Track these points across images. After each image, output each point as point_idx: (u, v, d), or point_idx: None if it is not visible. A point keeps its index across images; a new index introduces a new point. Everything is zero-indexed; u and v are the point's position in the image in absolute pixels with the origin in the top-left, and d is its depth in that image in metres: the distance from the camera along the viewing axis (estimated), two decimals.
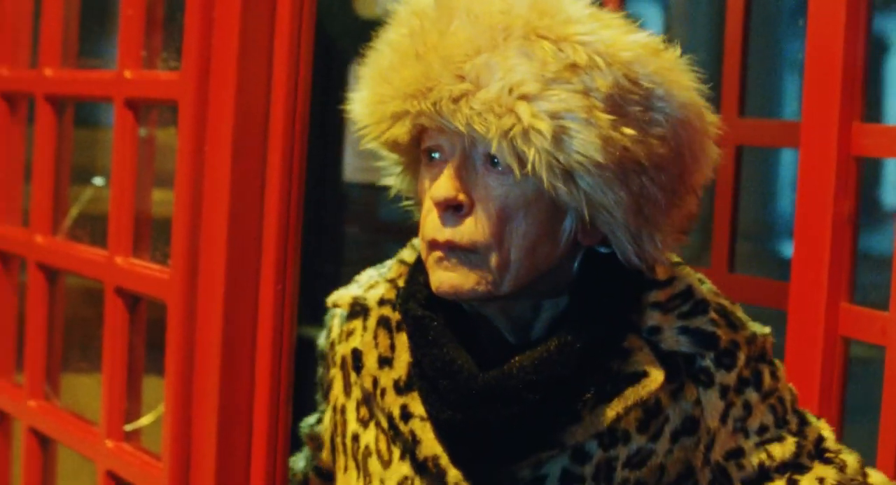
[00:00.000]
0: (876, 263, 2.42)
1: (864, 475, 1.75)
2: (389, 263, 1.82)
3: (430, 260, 1.63)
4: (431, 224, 1.62)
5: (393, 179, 1.75)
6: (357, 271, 1.84)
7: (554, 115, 1.53)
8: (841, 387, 2.09)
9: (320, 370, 1.86)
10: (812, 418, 1.78)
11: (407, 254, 1.79)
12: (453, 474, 1.65)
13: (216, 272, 2.32)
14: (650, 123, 1.58)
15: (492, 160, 1.59)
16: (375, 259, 1.90)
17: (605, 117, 1.54)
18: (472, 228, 1.59)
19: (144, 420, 2.69)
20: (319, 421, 1.87)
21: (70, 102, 2.92)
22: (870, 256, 2.39)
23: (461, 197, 1.59)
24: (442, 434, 1.65)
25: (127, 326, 2.59)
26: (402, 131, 1.61)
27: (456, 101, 1.55)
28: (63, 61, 2.88)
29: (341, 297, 1.81)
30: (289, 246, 2.32)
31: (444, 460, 1.66)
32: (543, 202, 1.59)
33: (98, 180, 3.15)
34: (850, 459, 1.74)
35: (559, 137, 1.54)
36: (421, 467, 1.67)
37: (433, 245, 1.62)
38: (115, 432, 2.59)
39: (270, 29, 2.31)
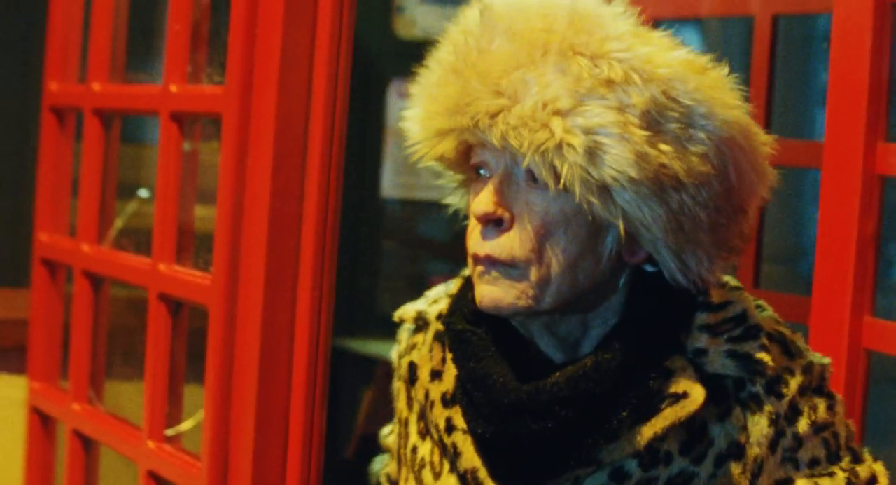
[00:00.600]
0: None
1: None
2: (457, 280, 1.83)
3: (475, 274, 1.65)
4: (474, 239, 1.64)
5: (451, 197, 1.78)
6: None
7: (587, 131, 1.55)
8: (863, 399, 2.15)
9: (395, 383, 1.89)
10: (868, 457, 1.77)
11: (468, 269, 1.79)
12: None
13: (256, 278, 2.40)
14: (690, 140, 1.58)
15: (533, 177, 1.61)
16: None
17: (641, 133, 1.55)
18: (512, 243, 1.61)
19: (185, 425, 2.77)
20: (392, 432, 1.92)
21: (117, 117, 3.01)
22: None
23: (500, 212, 1.60)
24: (481, 448, 1.67)
25: (169, 332, 2.67)
26: (448, 147, 1.65)
27: (493, 116, 1.57)
28: (111, 76, 2.97)
29: (407, 311, 1.86)
30: (326, 254, 2.40)
31: (483, 474, 1.68)
32: (583, 218, 1.61)
33: (143, 192, 3.24)
34: None
35: (592, 152, 1.55)
36: (462, 479, 1.70)
37: (475, 259, 1.64)
38: (157, 434, 2.68)
39: (311, 46, 2.39)
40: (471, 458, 1.69)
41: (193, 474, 2.54)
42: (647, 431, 1.62)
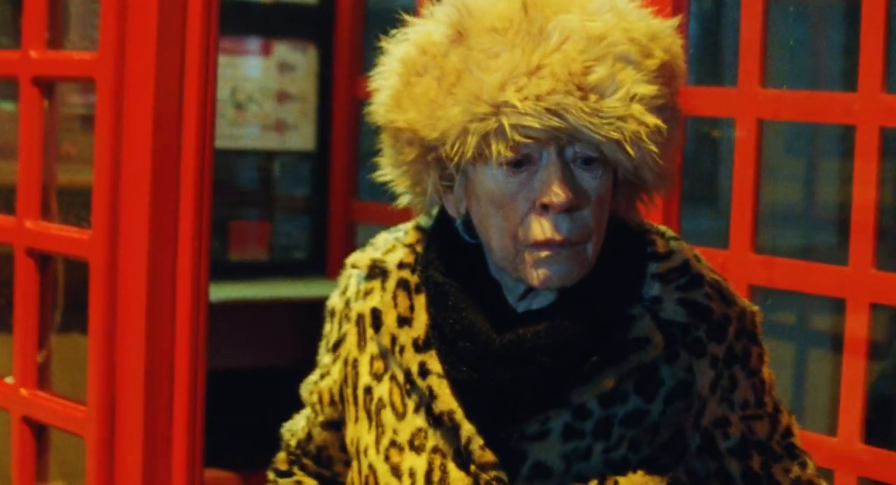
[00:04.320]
0: None
1: (819, 480, 1.84)
2: (404, 227, 1.89)
3: (531, 259, 1.69)
4: (541, 227, 1.68)
5: (400, 179, 1.78)
6: None
7: (660, 110, 1.66)
8: None
9: (327, 326, 1.94)
10: (784, 409, 1.86)
11: (424, 221, 1.86)
12: (467, 427, 1.74)
13: (139, 230, 2.58)
14: (674, 79, 1.70)
15: (581, 159, 1.67)
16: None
17: (672, 96, 1.69)
18: (581, 224, 1.68)
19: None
20: (322, 377, 1.95)
21: None
22: None
23: (573, 199, 1.66)
24: (458, 391, 1.75)
25: (37, 285, 2.82)
26: (503, 146, 1.65)
27: (589, 114, 1.63)
28: None
29: (360, 259, 1.90)
30: (204, 206, 2.59)
31: (459, 415, 1.75)
32: (610, 186, 1.71)
33: None
34: (811, 462, 1.85)
35: (661, 128, 1.65)
36: (437, 420, 1.76)
37: (547, 245, 1.68)
38: (30, 383, 2.83)
39: (183, 10, 2.57)
40: (447, 400, 1.76)
41: (78, 417, 2.71)
42: (614, 374, 1.72)
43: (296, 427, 2.04)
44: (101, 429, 2.64)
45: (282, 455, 2.05)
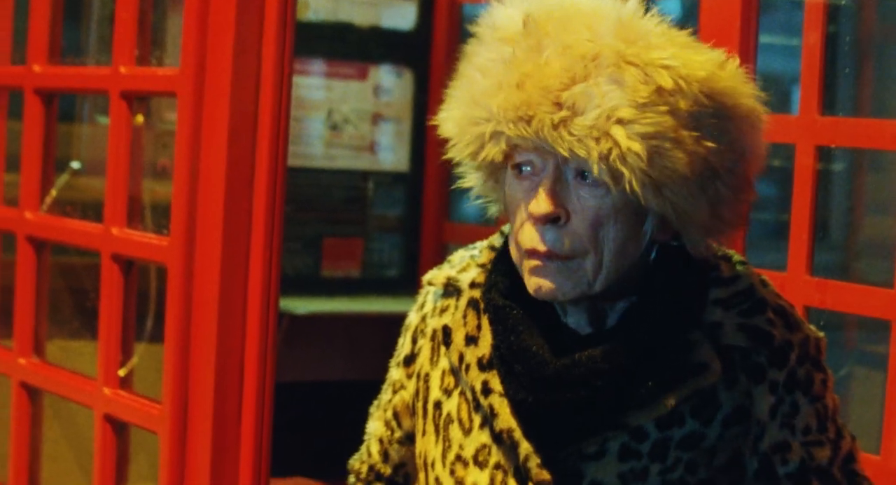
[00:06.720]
0: None
1: None
2: (480, 245, 1.94)
3: (527, 266, 1.75)
4: (529, 235, 1.73)
5: (474, 182, 1.86)
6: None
7: (647, 137, 1.64)
8: None
9: (400, 341, 2.01)
10: (848, 435, 1.86)
11: (496, 239, 1.90)
12: (525, 446, 1.78)
13: (213, 238, 2.70)
14: (722, 133, 1.69)
15: (582, 174, 1.70)
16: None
17: (689, 134, 1.66)
18: (571, 239, 1.71)
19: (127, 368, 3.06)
20: (395, 392, 2.00)
21: (56, 96, 3.28)
22: None
23: (558, 211, 1.70)
24: (517, 410, 1.79)
25: (122, 288, 2.96)
26: (496, 151, 1.71)
27: (556, 127, 1.65)
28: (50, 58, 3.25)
29: (436, 276, 1.95)
30: (275, 216, 2.72)
31: (518, 434, 1.79)
32: (629, 208, 1.71)
33: (75, 164, 3.52)
34: None
35: (652, 156, 1.64)
36: (498, 437, 1.80)
37: (532, 254, 1.73)
38: (112, 381, 2.97)
39: (259, 30, 2.70)
40: (507, 419, 1.79)
41: (153, 414, 2.84)
42: (671, 399, 1.74)
43: (364, 455, 2.08)
44: (174, 426, 2.77)
45: (352, 480, 2.10)
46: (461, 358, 1.86)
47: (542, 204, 1.70)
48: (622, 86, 1.65)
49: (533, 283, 1.74)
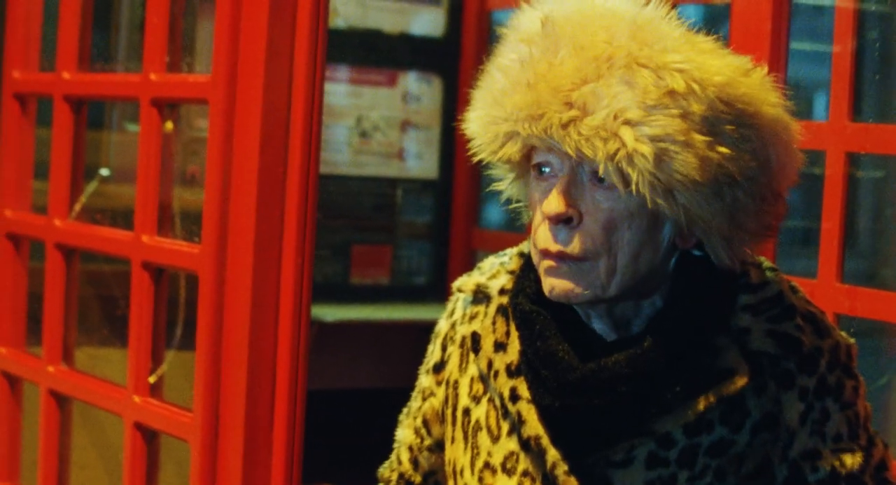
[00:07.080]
0: None
1: None
2: (510, 252, 1.96)
3: (542, 266, 1.76)
4: (543, 235, 1.74)
5: (504, 185, 1.89)
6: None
7: (655, 139, 1.64)
8: None
9: (430, 348, 2.01)
10: (880, 442, 1.86)
11: (526, 246, 1.91)
12: (552, 453, 1.78)
13: (245, 246, 2.69)
14: (741, 140, 1.68)
15: (597, 177, 1.71)
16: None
17: (701, 138, 1.65)
18: (583, 240, 1.72)
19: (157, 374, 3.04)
20: (425, 399, 2.01)
21: (85, 103, 3.27)
22: None
23: (571, 212, 1.71)
24: (544, 417, 1.79)
25: (152, 296, 2.95)
26: (513, 150, 1.74)
27: (565, 126, 1.66)
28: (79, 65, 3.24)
29: (465, 283, 1.97)
30: (307, 224, 2.70)
31: (545, 441, 1.79)
32: (645, 213, 1.71)
33: (104, 171, 3.51)
34: None
35: (660, 158, 1.64)
36: (525, 444, 1.81)
37: (545, 254, 1.75)
38: (142, 390, 2.96)
39: (292, 37, 2.68)
40: (534, 426, 1.80)
41: (184, 422, 2.83)
42: (698, 405, 1.74)
43: (395, 463, 2.09)
44: (205, 434, 2.75)
45: None
46: (490, 365, 1.86)
47: (553, 204, 1.72)
48: (633, 87, 1.65)
49: (547, 283, 1.76)
